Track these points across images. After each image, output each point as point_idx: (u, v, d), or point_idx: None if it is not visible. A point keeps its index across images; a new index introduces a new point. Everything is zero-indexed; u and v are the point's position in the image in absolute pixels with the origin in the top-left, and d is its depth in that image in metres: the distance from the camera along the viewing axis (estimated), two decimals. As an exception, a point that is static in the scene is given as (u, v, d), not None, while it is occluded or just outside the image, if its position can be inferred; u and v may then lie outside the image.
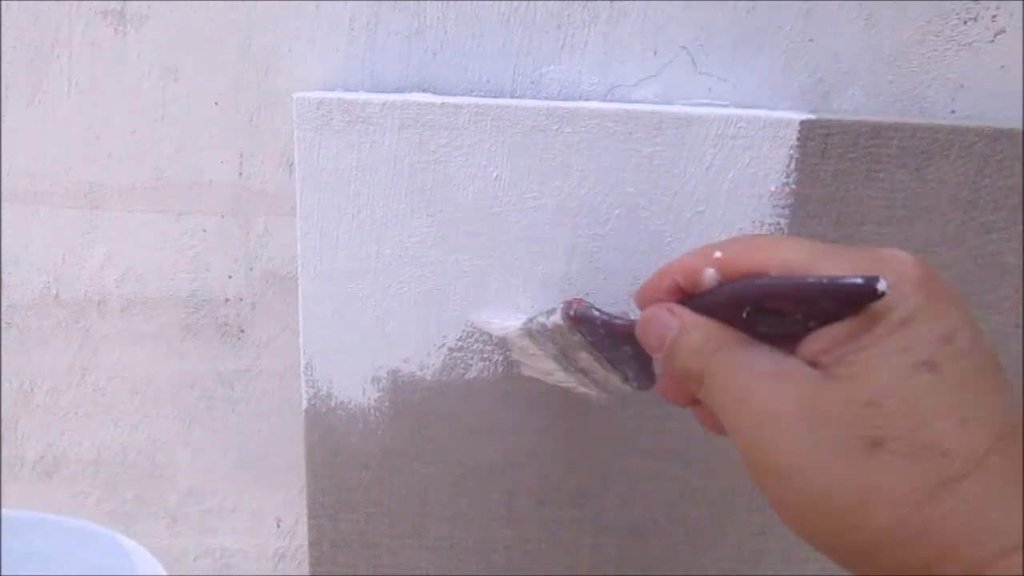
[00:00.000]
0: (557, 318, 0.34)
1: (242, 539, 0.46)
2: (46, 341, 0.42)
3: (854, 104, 0.37)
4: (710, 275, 0.28)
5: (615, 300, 0.38)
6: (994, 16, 0.35)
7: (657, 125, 0.35)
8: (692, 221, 0.36)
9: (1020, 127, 0.35)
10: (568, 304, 0.34)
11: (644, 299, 0.31)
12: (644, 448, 0.40)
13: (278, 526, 0.46)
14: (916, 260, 0.26)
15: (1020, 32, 0.36)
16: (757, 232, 0.31)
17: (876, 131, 0.35)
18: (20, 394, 0.44)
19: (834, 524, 0.25)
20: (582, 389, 0.37)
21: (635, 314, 0.31)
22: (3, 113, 0.38)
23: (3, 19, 0.36)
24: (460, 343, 0.38)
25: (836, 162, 0.36)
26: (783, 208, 0.36)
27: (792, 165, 0.36)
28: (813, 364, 0.26)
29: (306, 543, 0.43)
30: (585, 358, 0.35)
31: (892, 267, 0.26)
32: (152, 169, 0.39)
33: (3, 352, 0.43)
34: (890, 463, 0.24)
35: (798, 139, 0.35)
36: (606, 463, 0.41)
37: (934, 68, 0.37)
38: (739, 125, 0.35)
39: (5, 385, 0.43)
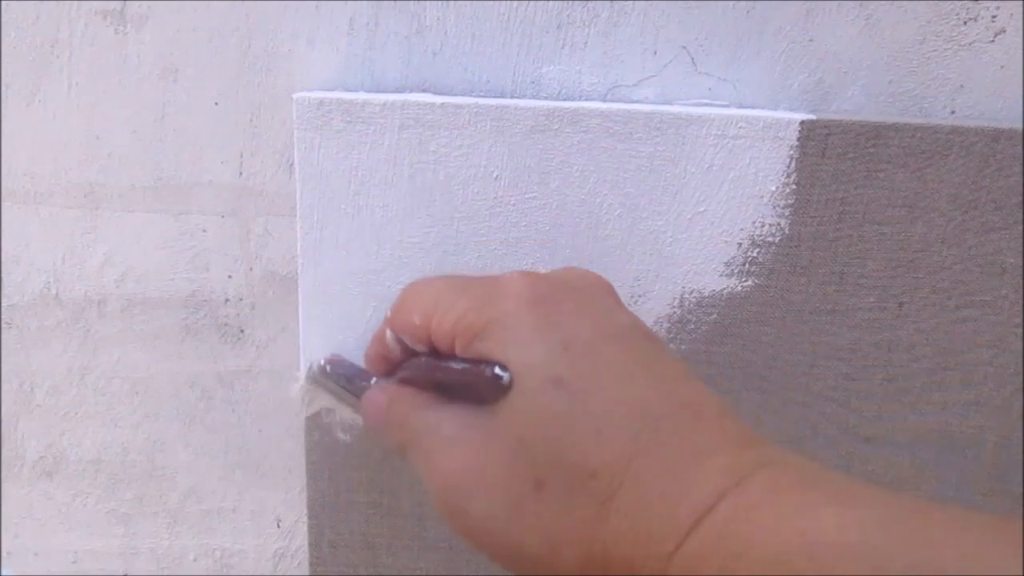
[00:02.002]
0: (315, 370, 0.37)
1: (242, 539, 0.46)
2: (46, 341, 0.42)
3: (854, 104, 0.37)
4: (389, 337, 0.30)
5: (615, 300, 0.38)
6: (994, 16, 0.35)
7: (657, 125, 0.35)
8: (692, 221, 0.36)
9: (1020, 127, 0.35)
10: (328, 361, 0.37)
11: (368, 366, 0.32)
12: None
13: (278, 526, 0.46)
14: (524, 280, 0.26)
15: (1020, 32, 0.36)
16: (433, 275, 0.31)
17: (876, 131, 0.35)
18: (20, 394, 0.44)
19: (541, 571, 0.25)
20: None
21: None
22: (3, 113, 0.38)
23: (3, 19, 0.36)
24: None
25: (836, 162, 0.36)
26: (783, 208, 0.36)
27: (792, 165, 0.36)
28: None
29: (306, 543, 0.43)
30: (347, 399, 0.36)
31: (505, 292, 0.26)
32: (152, 169, 0.39)
33: (3, 352, 0.43)
34: (555, 500, 0.24)
35: (798, 139, 0.35)
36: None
37: (934, 68, 0.37)
38: (739, 125, 0.35)
39: (5, 385, 0.43)
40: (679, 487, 0.23)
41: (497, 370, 0.25)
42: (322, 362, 0.37)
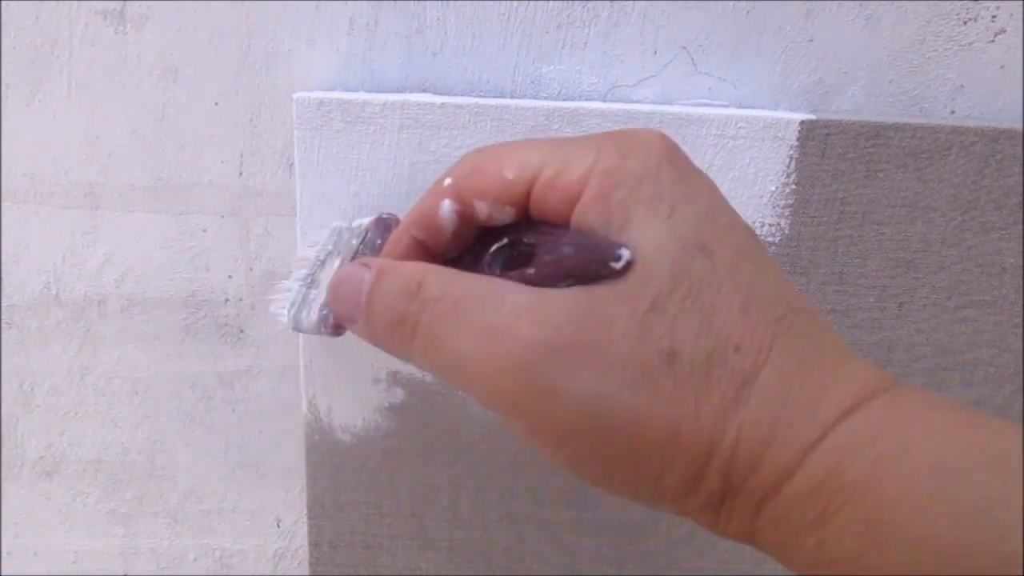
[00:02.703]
0: (369, 220, 0.32)
1: (242, 539, 0.46)
2: (46, 341, 0.42)
3: (854, 104, 0.37)
4: (447, 208, 0.24)
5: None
6: (994, 16, 0.35)
7: (657, 125, 0.35)
8: (692, 221, 0.36)
9: (1020, 127, 0.35)
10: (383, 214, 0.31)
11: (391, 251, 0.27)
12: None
13: (278, 526, 0.46)
14: (662, 136, 0.24)
15: (1020, 32, 0.36)
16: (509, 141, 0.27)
17: (876, 131, 0.35)
18: (20, 394, 0.44)
19: (649, 466, 0.21)
20: (279, 309, 0.32)
21: None
22: (3, 113, 0.38)
23: (3, 19, 0.36)
24: (460, 343, 0.38)
25: (836, 162, 0.36)
26: (783, 208, 0.36)
27: (792, 165, 0.36)
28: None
29: (306, 543, 0.43)
30: (336, 269, 0.30)
31: (639, 143, 0.23)
32: (152, 169, 0.39)
33: (3, 352, 0.43)
34: (690, 375, 0.21)
35: (798, 139, 0.35)
36: (606, 463, 0.41)
37: (934, 68, 0.37)
38: (739, 125, 0.35)
39: (5, 385, 0.43)
40: (824, 378, 0.22)
41: (622, 255, 0.21)
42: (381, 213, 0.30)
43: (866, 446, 0.21)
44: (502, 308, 0.22)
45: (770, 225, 0.37)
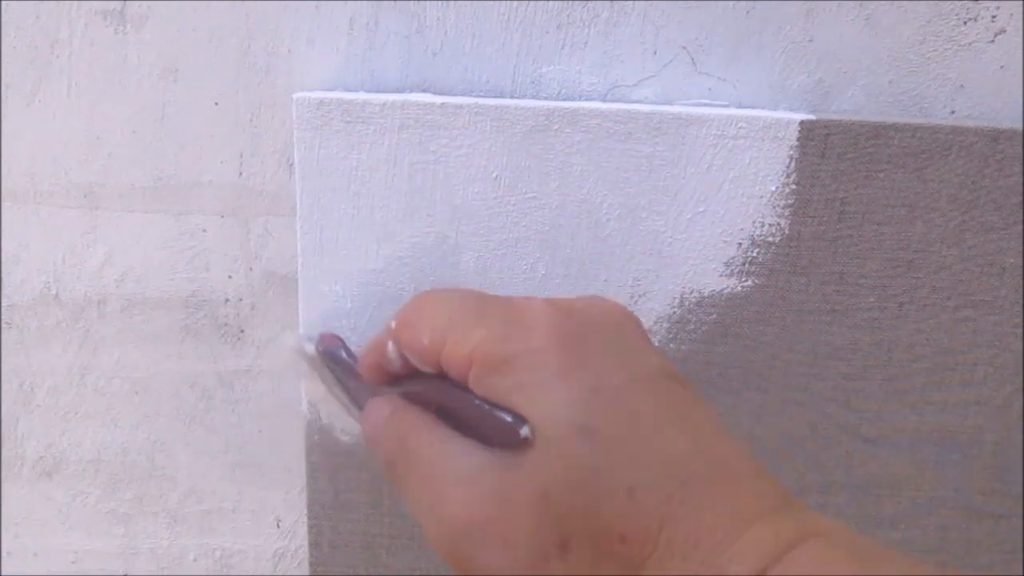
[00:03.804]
0: (311, 347, 0.34)
1: (242, 539, 0.46)
2: (46, 341, 0.42)
3: (854, 104, 0.37)
4: (391, 350, 0.27)
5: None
6: (994, 16, 0.35)
7: (657, 125, 0.35)
8: (692, 221, 0.36)
9: (1020, 127, 0.35)
10: (321, 338, 0.33)
11: (364, 372, 0.30)
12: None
13: (278, 526, 0.46)
14: (550, 313, 0.24)
15: (1020, 32, 0.36)
16: (445, 288, 0.30)
17: (876, 131, 0.35)
18: (20, 394, 0.44)
19: None
20: (351, 420, 0.35)
21: None
22: (3, 113, 0.38)
23: (3, 19, 0.36)
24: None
25: (836, 162, 0.36)
26: (783, 208, 0.36)
27: (792, 165, 0.36)
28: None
29: (306, 543, 0.43)
30: (338, 392, 0.34)
31: (527, 322, 0.24)
32: (152, 169, 0.39)
33: (3, 352, 0.43)
34: (581, 563, 0.22)
35: (798, 139, 0.35)
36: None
37: (934, 68, 0.37)
38: (739, 125, 0.35)
39: (5, 385, 0.43)
40: (716, 558, 0.21)
41: (522, 428, 0.23)
42: (316, 341, 0.33)
43: None
44: (445, 478, 0.24)
45: (770, 225, 0.37)
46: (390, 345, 0.27)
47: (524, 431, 0.23)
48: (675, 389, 0.24)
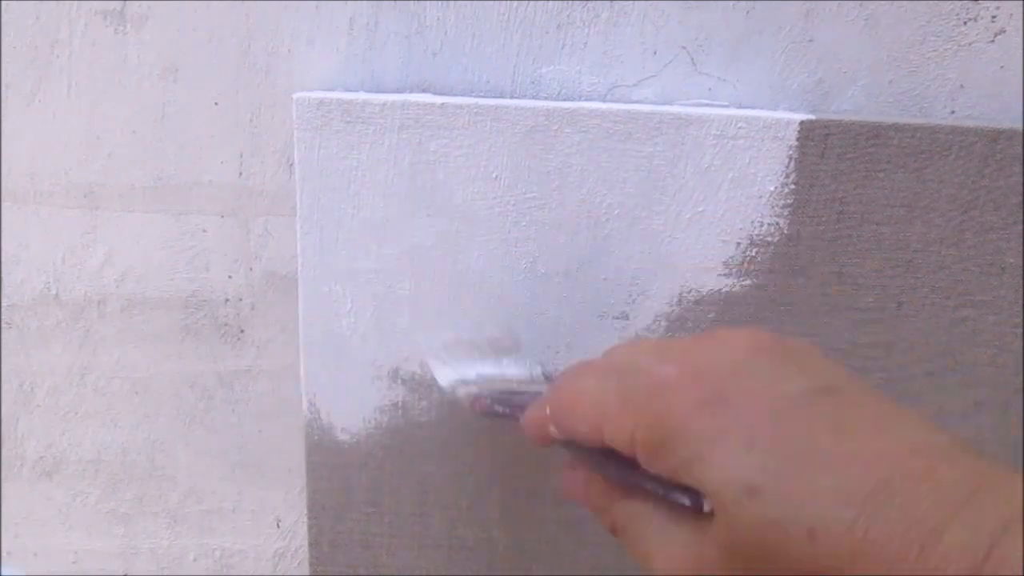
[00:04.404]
0: (468, 405, 0.35)
1: (242, 539, 0.46)
2: (46, 341, 0.42)
3: (854, 104, 0.37)
4: (553, 431, 0.29)
5: (614, 301, 0.38)
6: (994, 16, 0.35)
7: (657, 125, 0.35)
8: (691, 221, 0.37)
9: (1020, 127, 0.35)
10: (474, 400, 0.35)
11: (529, 431, 0.31)
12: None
13: (278, 526, 0.46)
14: (683, 377, 0.25)
15: (1020, 32, 0.36)
16: (587, 365, 0.30)
17: (876, 131, 0.35)
18: (20, 394, 0.44)
19: None
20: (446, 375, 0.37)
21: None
22: (3, 113, 0.38)
23: (3, 19, 0.36)
24: (460, 343, 0.38)
25: (836, 162, 0.36)
26: (782, 208, 0.36)
27: (792, 165, 0.36)
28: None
29: (306, 543, 0.43)
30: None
31: (667, 396, 0.25)
32: (152, 169, 0.39)
33: (3, 352, 0.43)
34: None
35: (798, 139, 0.35)
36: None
37: (934, 68, 0.37)
38: (739, 125, 0.35)
39: (5, 385, 0.43)
40: (920, 568, 0.20)
41: (702, 506, 0.24)
42: (471, 401, 0.35)
43: None
44: (646, 534, 0.27)
45: (769, 225, 0.37)
46: (552, 428, 0.29)
47: (705, 507, 0.24)
48: (824, 408, 0.24)
